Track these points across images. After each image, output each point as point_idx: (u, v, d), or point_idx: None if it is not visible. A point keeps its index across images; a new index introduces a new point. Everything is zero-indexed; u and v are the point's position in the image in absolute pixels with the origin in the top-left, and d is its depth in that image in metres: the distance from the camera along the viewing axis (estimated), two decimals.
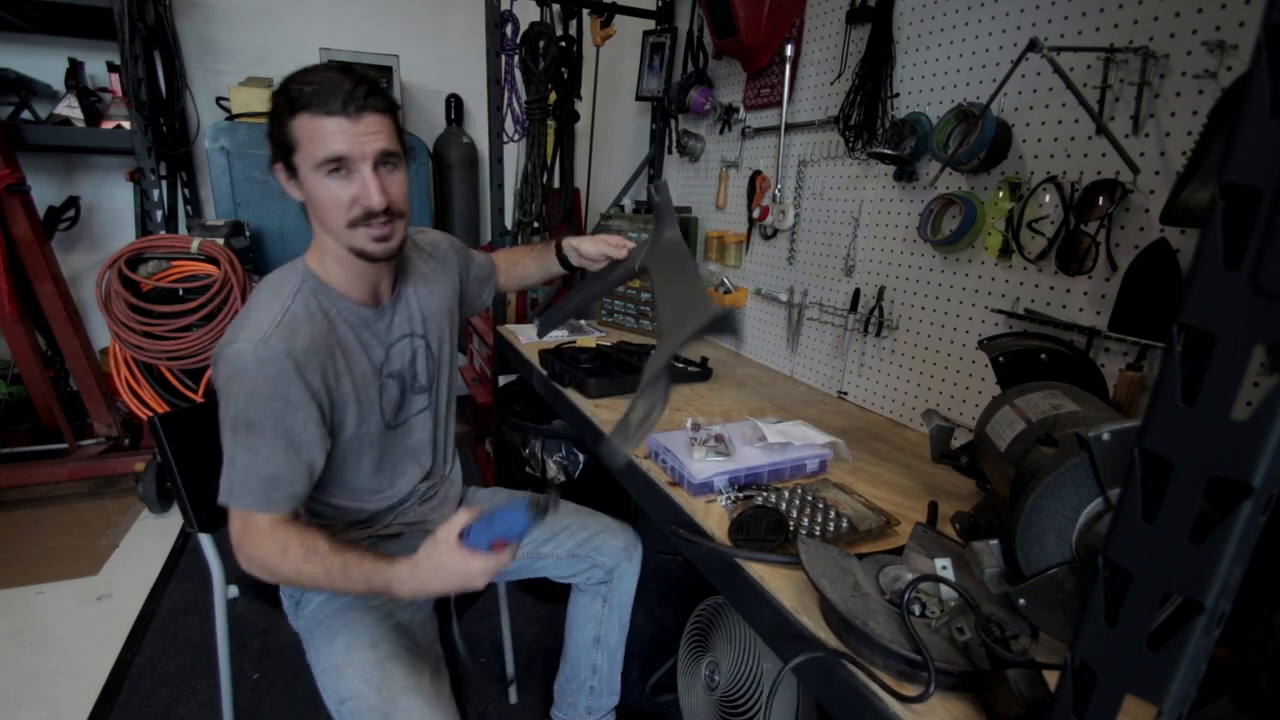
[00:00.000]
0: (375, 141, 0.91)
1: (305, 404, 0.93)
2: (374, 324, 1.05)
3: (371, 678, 0.94)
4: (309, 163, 0.90)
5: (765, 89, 1.94)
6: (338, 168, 0.90)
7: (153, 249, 2.24)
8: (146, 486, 2.34)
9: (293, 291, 0.96)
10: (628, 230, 2.31)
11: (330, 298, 1.00)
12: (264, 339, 0.89)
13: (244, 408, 0.90)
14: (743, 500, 1.07)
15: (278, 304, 0.94)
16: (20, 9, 2.36)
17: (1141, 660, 0.38)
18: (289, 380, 0.90)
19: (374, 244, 0.95)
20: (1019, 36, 1.20)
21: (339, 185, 0.91)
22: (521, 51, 2.24)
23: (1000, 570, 0.72)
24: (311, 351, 0.93)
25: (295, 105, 0.88)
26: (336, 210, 0.92)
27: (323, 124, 0.88)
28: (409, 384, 1.12)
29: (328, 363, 0.96)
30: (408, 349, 1.11)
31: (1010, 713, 0.62)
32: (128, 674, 1.65)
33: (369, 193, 0.91)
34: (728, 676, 1.28)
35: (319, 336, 0.95)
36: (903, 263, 1.50)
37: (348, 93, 0.88)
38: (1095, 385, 0.99)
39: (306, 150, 0.89)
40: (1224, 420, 0.34)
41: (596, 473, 2.02)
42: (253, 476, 0.92)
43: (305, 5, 2.90)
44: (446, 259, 1.23)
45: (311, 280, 0.99)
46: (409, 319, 1.11)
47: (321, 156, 0.89)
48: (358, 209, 0.92)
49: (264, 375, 0.89)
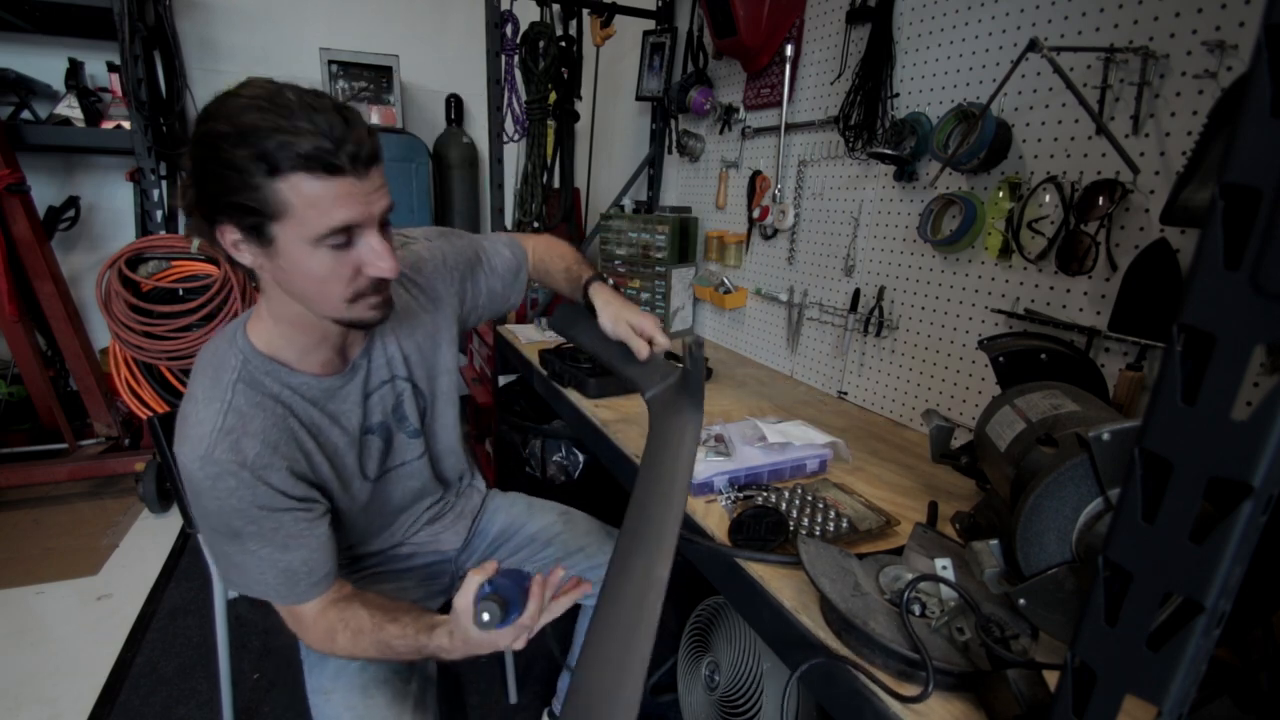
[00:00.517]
0: (382, 199, 0.76)
1: (282, 502, 0.82)
2: (342, 390, 0.91)
3: (355, 704, 0.90)
4: (301, 235, 0.71)
5: (765, 89, 1.94)
6: (346, 241, 0.74)
7: (153, 249, 2.25)
8: (146, 486, 2.34)
9: (231, 383, 0.81)
10: (627, 230, 2.31)
11: (279, 376, 0.84)
12: (208, 454, 0.77)
13: (220, 522, 0.81)
14: (743, 500, 1.07)
15: (216, 402, 0.80)
16: (20, 9, 2.36)
17: (1141, 660, 0.38)
18: (252, 488, 0.79)
19: (374, 311, 0.81)
20: (1019, 36, 1.20)
21: (340, 256, 0.74)
22: (521, 51, 2.24)
23: (1000, 570, 0.72)
24: (268, 450, 0.81)
25: (280, 162, 0.67)
26: (338, 285, 0.76)
27: (326, 188, 0.69)
28: (394, 431, 1.01)
29: (294, 452, 0.85)
30: (389, 395, 0.98)
31: (1010, 713, 0.62)
32: (128, 674, 1.65)
33: (382, 262, 0.76)
34: (728, 676, 1.28)
35: (272, 428, 0.82)
36: (903, 263, 1.50)
37: (356, 144, 0.70)
38: (1095, 385, 0.99)
39: (301, 220, 0.70)
40: (1224, 420, 0.34)
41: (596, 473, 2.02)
42: (267, 577, 0.83)
43: (305, 5, 2.90)
44: (435, 277, 1.05)
45: (255, 360, 0.83)
46: (386, 363, 0.97)
47: (326, 229, 0.71)
48: (364, 280, 0.77)
49: (224, 490, 0.78)
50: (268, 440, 0.81)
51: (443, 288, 1.05)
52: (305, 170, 0.68)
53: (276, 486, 0.81)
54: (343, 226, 0.72)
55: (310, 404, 0.88)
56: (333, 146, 0.68)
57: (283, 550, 0.83)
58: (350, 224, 0.73)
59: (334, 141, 0.68)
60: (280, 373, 0.85)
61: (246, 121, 0.66)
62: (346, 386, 0.92)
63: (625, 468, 1.27)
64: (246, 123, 0.66)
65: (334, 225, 0.71)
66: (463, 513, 1.24)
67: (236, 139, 0.67)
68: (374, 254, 0.76)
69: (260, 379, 0.83)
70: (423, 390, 1.03)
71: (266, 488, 0.80)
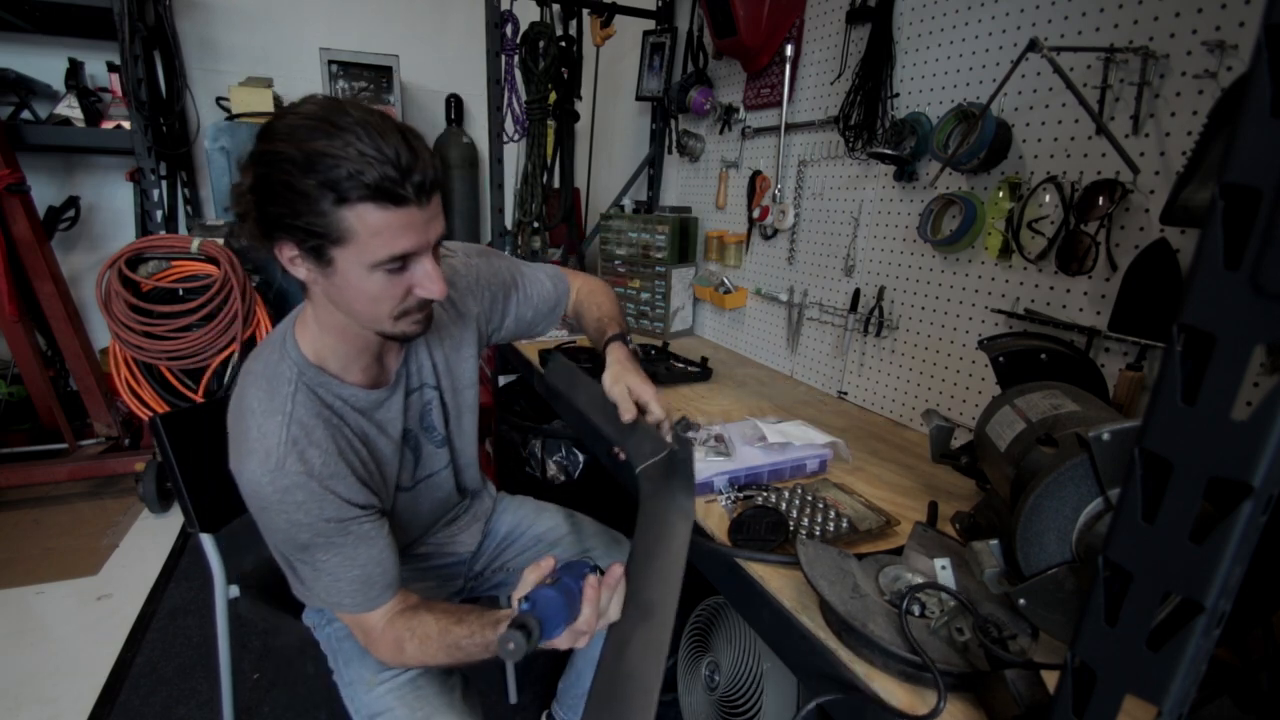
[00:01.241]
0: (439, 227, 0.77)
1: (348, 511, 0.83)
2: (387, 401, 0.93)
3: (405, 695, 0.91)
4: (363, 259, 0.72)
5: (765, 89, 1.94)
6: (402, 266, 0.75)
7: (153, 249, 2.24)
8: (146, 486, 2.34)
9: (289, 395, 0.82)
10: (627, 230, 2.31)
11: (331, 389, 0.86)
12: (278, 466, 0.78)
13: (290, 535, 0.81)
14: (743, 500, 1.07)
15: (278, 415, 0.80)
16: (20, 9, 2.36)
17: (1141, 660, 0.38)
18: (322, 499, 0.80)
19: (416, 325, 0.83)
20: (1019, 36, 1.20)
21: (394, 279, 0.76)
22: (521, 51, 2.24)
23: (1000, 570, 0.72)
24: (333, 459, 0.82)
25: (348, 192, 0.67)
26: (388, 304, 0.78)
27: (391, 218, 0.70)
28: (421, 441, 1.02)
29: (353, 460, 0.86)
30: (418, 402, 0.99)
31: (1009, 713, 0.62)
32: (128, 674, 1.65)
33: (434, 285, 0.78)
34: (728, 676, 1.27)
35: (332, 439, 0.83)
36: (903, 263, 1.50)
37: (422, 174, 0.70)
38: (1095, 385, 0.99)
39: (364, 246, 0.71)
40: (1224, 420, 0.34)
41: (596, 473, 2.02)
42: (341, 585, 0.84)
43: (305, 5, 2.90)
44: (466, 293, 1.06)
45: (309, 373, 0.84)
46: (418, 371, 0.98)
47: (387, 256, 0.72)
48: (412, 300, 0.79)
49: (293, 503, 0.79)
50: (331, 450, 0.82)
51: (472, 303, 1.06)
52: (372, 201, 0.69)
53: (343, 495, 0.82)
54: (402, 255, 0.74)
55: (360, 414, 0.89)
56: (399, 177, 0.69)
57: (352, 558, 0.83)
58: (409, 252, 0.74)
59: (400, 172, 0.69)
60: (331, 384, 0.86)
61: (314, 148, 0.67)
62: (392, 399, 0.93)
63: (625, 468, 1.27)
64: (314, 149, 0.67)
65: (395, 254, 0.73)
66: (477, 515, 1.25)
67: (305, 166, 0.67)
68: (427, 277, 0.78)
69: (315, 390, 0.85)
70: (448, 401, 1.04)
71: (334, 497, 0.81)
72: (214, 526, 1.19)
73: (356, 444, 0.87)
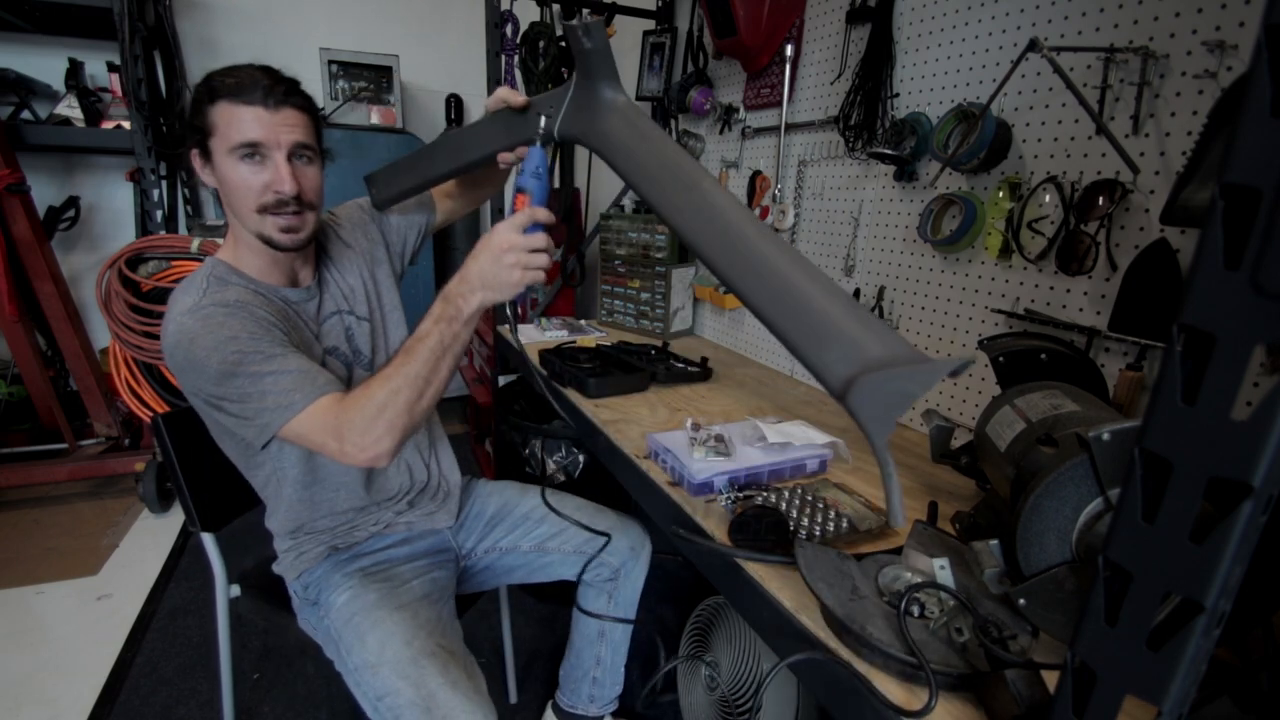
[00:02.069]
0: (291, 133, 0.95)
1: (270, 329, 0.94)
2: (300, 303, 1.07)
3: (409, 674, 0.93)
4: (223, 146, 0.93)
5: (765, 89, 1.94)
6: (251, 153, 0.93)
7: (153, 249, 2.25)
8: (146, 486, 2.34)
9: (203, 279, 0.98)
10: (627, 230, 2.31)
11: (245, 280, 1.01)
12: (196, 306, 0.92)
13: (219, 358, 0.88)
14: (743, 500, 1.07)
15: (194, 288, 0.96)
16: (20, 9, 2.36)
17: (1141, 660, 0.38)
18: (241, 319, 0.91)
19: (281, 234, 0.98)
20: (1019, 36, 1.20)
21: (251, 171, 0.94)
22: (521, 51, 2.24)
23: (1000, 570, 0.73)
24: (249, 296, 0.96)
25: (215, 94, 0.92)
26: (248, 194, 0.95)
27: (241, 111, 0.92)
28: (352, 363, 1.13)
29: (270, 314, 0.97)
30: (338, 325, 1.12)
31: (1009, 713, 0.62)
32: (128, 674, 1.65)
33: (281, 179, 0.94)
34: (728, 676, 1.28)
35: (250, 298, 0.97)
36: (903, 263, 1.50)
37: (267, 88, 0.93)
38: (1095, 385, 0.99)
39: (223, 134, 0.93)
40: (1224, 420, 0.34)
41: (596, 472, 2.02)
42: (284, 382, 0.90)
43: (305, 5, 2.90)
44: (357, 222, 1.23)
45: (221, 267, 1.01)
46: (333, 297, 1.12)
47: (237, 141, 0.92)
48: (269, 195, 0.95)
49: (214, 323, 0.90)
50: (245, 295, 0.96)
51: (363, 225, 1.23)
52: (227, 99, 0.92)
53: (261, 316, 0.94)
54: (250, 142, 0.93)
55: (277, 304, 1.02)
56: (250, 84, 0.93)
57: (286, 362, 0.91)
58: (256, 141, 0.93)
59: (251, 82, 0.93)
60: (244, 278, 1.01)
61: (210, 76, 0.95)
62: (304, 303, 1.08)
63: (625, 467, 1.27)
64: (210, 76, 0.95)
65: (243, 139, 0.92)
66: (441, 489, 1.27)
67: (200, 86, 0.95)
68: (276, 173, 0.95)
69: (228, 278, 1.00)
70: (375, 324, 1.17)
71: (251, 318, 0.93)
72: (215, 526, 1.19)
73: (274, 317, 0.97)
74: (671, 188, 0.73)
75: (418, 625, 1.01)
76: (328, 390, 0.92)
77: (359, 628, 1.00)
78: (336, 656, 1.02)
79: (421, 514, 1.22)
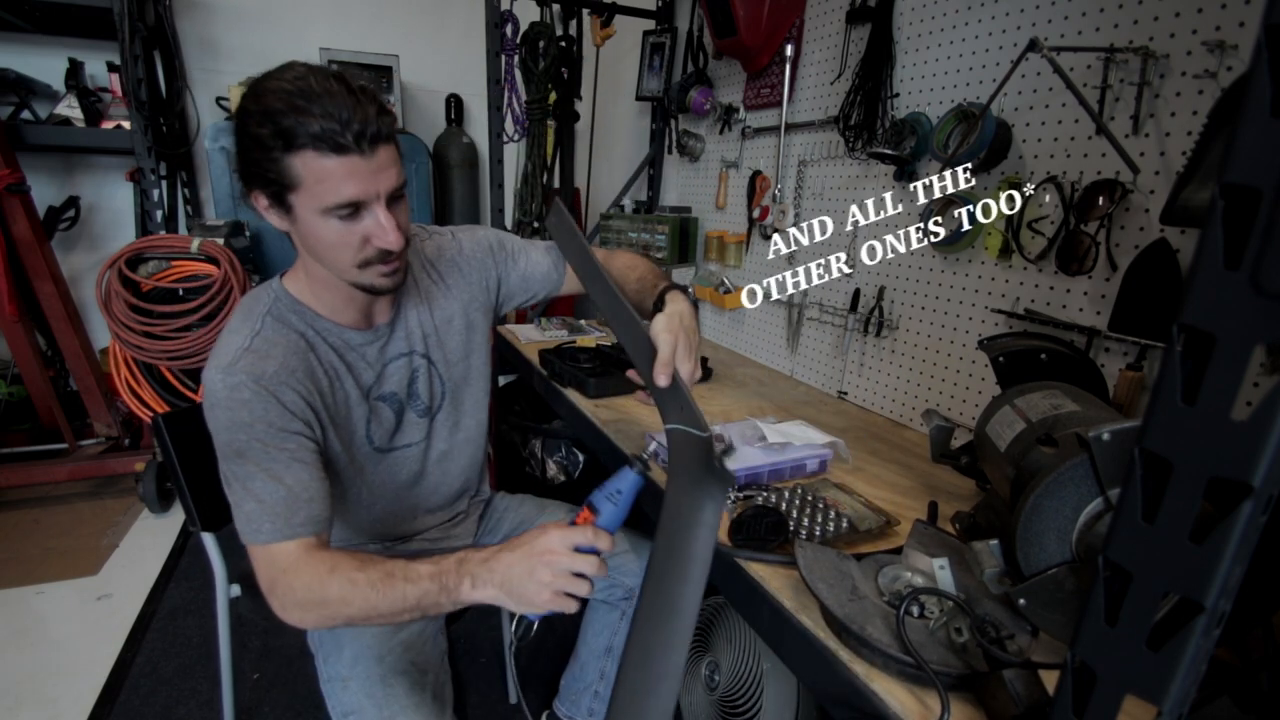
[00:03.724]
0: (389, 179, 0.82)
1: (291, 423, 0.86)
2: (362, 346, 0.98)
3: (375, 693, 0.92)
4: (313, 205, 0.80)
5: (765, 89, 1.94)
6: (351, 213, 0.81)
7: (153, 249, 2.24)
8: (146, 486, 2.34)
9: (262, 314, 0.90)
10: (627, 230, 2.31)
11: (306, 317, 0.93)
12: (230, 364, 0.84)
13: (230, 437, 0.84)
14: (743, 500, 1.07)
15: (246, 328, 0.88)
16: (20, 9, 2.36)
17: (1141, 660, 0.38)
18: (265, 403, 0.84)
19: (384, 279, 0.88)
20: (1019, 36, 1.20)
21: (347, 228, 0.82)
22: (521, 51, 2.24)
23: (1000, 570, 0.72)
24: (285, 373, 0.87)
25: (293, 140, 0.75)
26: (346, 251, 0.84)
27: (333, 165, 0.77)
28: (405, 406, 1.04)
29: (309, 383, 0.90)
30: (405, 369, 1.03)
31: (1008, 713, 0.62)
32: (128, 674, 1.64)
33: (385, 233, 0.83)
34: (728, 676, 1.28)
35: (293, 357, 0.89)
36: (903, 263, 1.50)
37: (359, 130, 0.77)
38: (1095, 385, 0.99)
39: (311, 192, 0.79)
40: (1224, 420, 0.34)
41: (596, 473, 2.02)
42: (265, 506, 0.83)
43: (305, 5, 2.90)
44: (466, 263, 1.11)
45: (285, 299, 0.92)
46: (407, 337, 1.03)
47: (333, 202, 0.79)
48: (371, 249, 0.84)
49: (238, 401, 0.83)
50: (287, 365, 0.88)
51: (474, 270, 1.12)
52: (314, 148, 0.76)
53: (287, 405, 0.86)
54: (349, 202, 0.79)
55: (332, 350, 0.94)
56: (339, 127, 0.75)
57: (281, 476, 0.84)
58: (356, 200, 0.80)
59: (340, 123, 0.75)
60: (307, 314, 0.93)
61: (269, 103, 0.75)
62: (368, 346, 0.98)
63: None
64: (269, 104, 0.75)
65: (341, 200, 0.79)
66: (468, 512, 1.25)
67: (261, 117, 0.76)
68: (379, 228, 0.83)
69: (288, 316, 0.92)
70: (440, 372, 1.07)
71: (277, 404, 0.85)
72: (215, 525, 1.19)
73: (319, 373, 0.92)
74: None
75: (397, 639, 0.99)
76: (299, 535, 0.83)
77: (339, 637, 0.99)
78: (318, 663, 1.01)
79: (439, 532, 1.20)
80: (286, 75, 0.77)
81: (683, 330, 0.87)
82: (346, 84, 0.78)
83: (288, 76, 0.77)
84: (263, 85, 0.77)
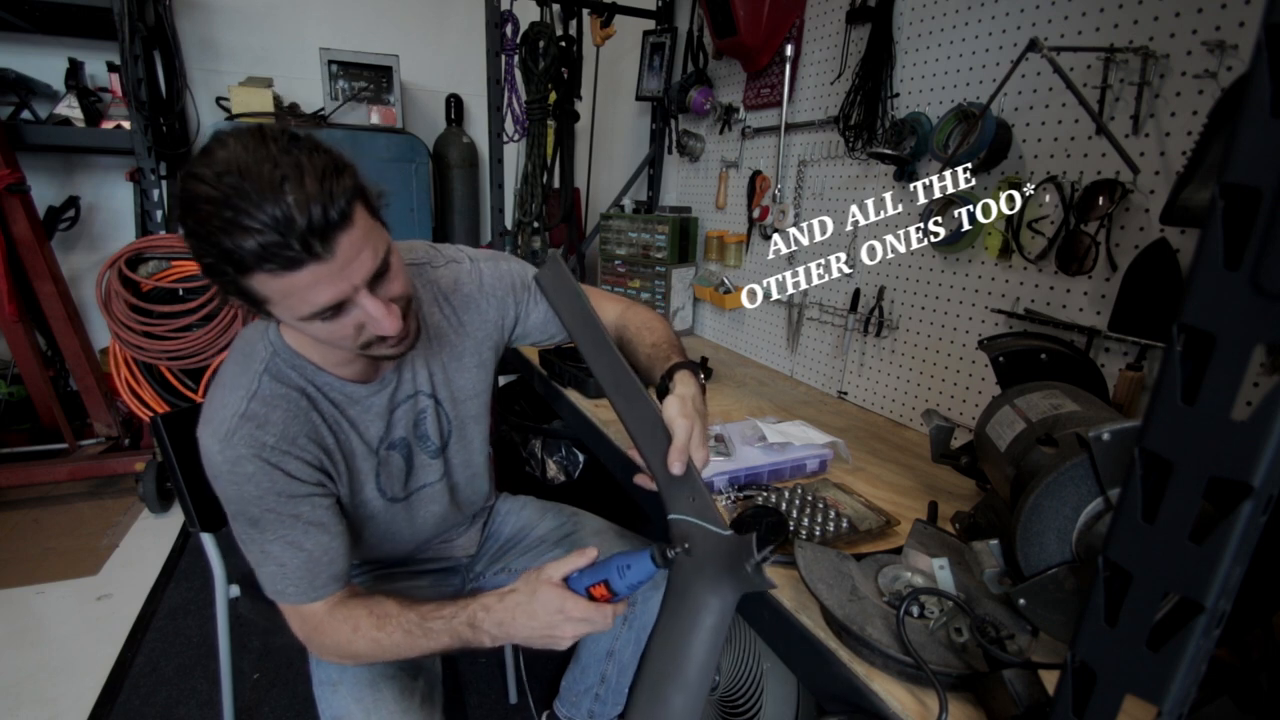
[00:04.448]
0: (363, 266, 0.70)
1: (300, 489, 0.82)
2: (367, 399, 0.91)
3: (363, 697, 0.91)
4: (290, 316, 0.71)
5: (765, 89, 1.94)
6: (333, 313, 0.71)
7: (153, 249, 2.24)
8: (146, 486, 2.33)
9: (259, 373, 0.82)
10: (627, 230, 2.31)
11: (306, 372, 0.85)
12: (227, 437, 0.77)
13: (239, 508, 0.81)
14: (743, 500, 1.07)
15: (242, 389, 0.80)
16: (20, 9, 2.36)
17: (1141, 660, 0.38)
18: (271, 476, 0.80)
19: (392, 349, 0.80)
20: (1019, 36, 1.20)
21: (337, 323, 0.73)
22: (521, 51, 2.24)
23: (1000, 570, 0.73)
24: (286, 443, 0.81)
25: (243, 264, 0.64)
26: (344, 341, 0.76)
27: (290, 281, 0.65)
28: (414, 450, 0.99)
29: (310, 448, 0.84)
30: (410, 411, 0.97)
31: (1008, 712, 0.62)
32: (128, 674, 1.64)
33: (380, 324, 0.74)
34: (728, 676, 1.27)
35: (293, 421, 0.82)
36: (903, 262, 1.50)
37: (307, 219, 0.63)
38: (1095, 385, 0.99)
39: (283, 306, 0.69)
40: (1224, 420, 0.34)
41: (596, 473, 2.03)
42: (288, 570, 0.82)
43: (305, 5, 2.90)
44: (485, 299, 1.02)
45: (284, 353, 0.84)
46: (413, 378, 0.96)
47: (308, 313, 0.70)
48: (368, 334, 0.76)
49: (242, 475, 0.78)
50: (286, 434, 0.82)
51: (474, 313, 1.02)
52: (263, 271, 0.64)
53: (293, 474, 0.82)
54: (324, 308, 0.70)
55: (333, 405, 0.88)
56: (280, 238, 0.62)
57: (298, 542, 0.82)
58: (331, 304, 0.70)
59: (282, 231, 0.62)
60: (307, 369, 0.85)
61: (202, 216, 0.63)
62: (373, 397, 0.91)
63: (625, 467, 1.27)
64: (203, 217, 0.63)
65: (315, 309, 0.69)
66: (475, 519, 1.24)
67: (200, 238, 0.64)
68: (370, 318, 0.73)
69: (287, 372, 0.84)
70: (446, 410, 1.01)
71: (283, 474, 0.81)
72: (215, 525, 1.19)
73: (324, 431, 0.86)
74: None
75: None
76: (323, 594, 0.84)
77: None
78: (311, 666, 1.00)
79: (442, 541, 1.18)
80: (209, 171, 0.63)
81: (697, 416, 0.81)
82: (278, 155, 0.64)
83: (209, 174, 0.63)
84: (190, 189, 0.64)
